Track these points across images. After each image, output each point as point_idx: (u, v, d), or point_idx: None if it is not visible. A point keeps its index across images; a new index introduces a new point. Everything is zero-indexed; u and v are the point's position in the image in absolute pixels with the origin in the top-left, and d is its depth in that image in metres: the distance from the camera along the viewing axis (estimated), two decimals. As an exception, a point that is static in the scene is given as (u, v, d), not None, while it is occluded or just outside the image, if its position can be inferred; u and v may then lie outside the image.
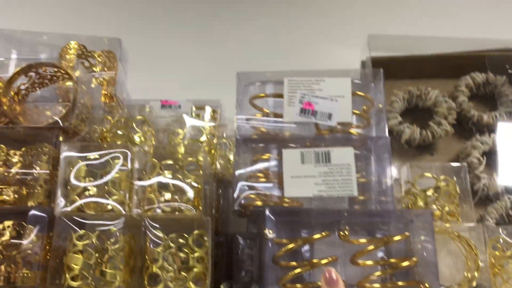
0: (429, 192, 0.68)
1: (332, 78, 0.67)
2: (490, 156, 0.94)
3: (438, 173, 0.72)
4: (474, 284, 0.64)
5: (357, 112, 0.68)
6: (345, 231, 0.61)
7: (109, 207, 0.61)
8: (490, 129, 0.98)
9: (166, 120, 0.98)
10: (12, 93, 0.66)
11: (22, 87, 0.67)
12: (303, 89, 0.67)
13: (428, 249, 0.60)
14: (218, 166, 0.83)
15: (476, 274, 0.65)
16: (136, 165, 0.64)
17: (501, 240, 0.67)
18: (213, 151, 0.84)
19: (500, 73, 1.02)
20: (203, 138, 0.81)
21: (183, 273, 0.60)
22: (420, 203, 0.70)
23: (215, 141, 0.81)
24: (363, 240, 0.63)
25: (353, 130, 0.68)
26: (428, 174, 0.70)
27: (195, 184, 0.63)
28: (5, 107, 0.63)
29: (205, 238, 0.62)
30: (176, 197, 0.62)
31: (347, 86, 0.67)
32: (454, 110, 0.98)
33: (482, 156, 0.93)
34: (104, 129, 0.74)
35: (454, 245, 0.69)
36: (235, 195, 0.64)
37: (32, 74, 0.66)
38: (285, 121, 0.70)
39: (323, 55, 1.04)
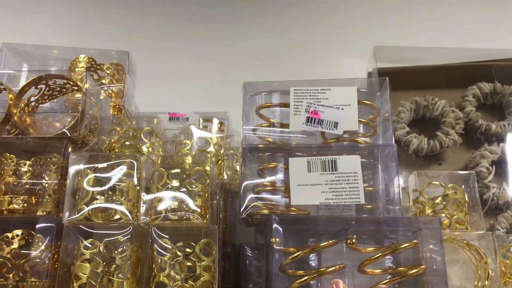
0: (437, 200, 0.68)
1: (338, 87, 0.67)
2: (499, 165, 0.93)
3: (446, 181, 0.72)
4: (485, 293, 0.63)
5: (364, 120, 0.69)
6: (353, 239, 0.61)
7: (117, 216, 0.61)
8: (499, 138, 0.97)
9: (174, 132, 1.00)
10: (23, 104, 0.68)
11: (32, 98, 0.69)
12: (309, 98, 0.68)
13: (437, 257, 0.60)
14: (226, 176, 0.84)
15: (486, 282, 0.64)
16: (144, 174, 0.65)
17: (511, 249, 0.67)
18: (220, 162, 0.85)
19: (507, 83, 1.02)
20: (211, 148, 0.82)
21: (190, 282, 0.60)
22: (428, 211, 0.70)
23: (222, 151, 0.82)
24: (370, 249, 0.62)
25: (360, 139, 0.68)
26: (436, 182, 0.70)
27: (202, 193, 0.64)
28: (15, 118, 0.64)
29: (212, 247, 0.62)
30: (183, 206, 0.62)
31: (353, 95, 0.67)
32: (461, 120, 0.98)
33: (491, 165, 0.92)
34: (112, 140, 0.75)
35: (463, 254, 0.69)
36: (242, 204, 0.64)
37: (42, 86, 0.67)
38: (292, 131, 0.70)
39: (329, 67, 1.06)
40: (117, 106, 0.81)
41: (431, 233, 0.61)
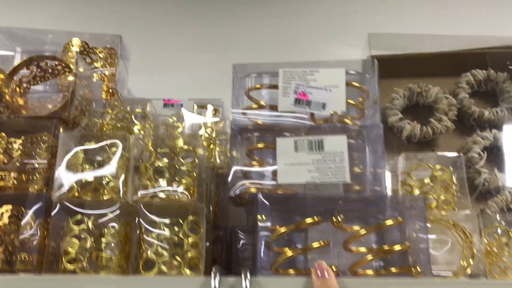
0: (426, 181, 0.69)
1: (326, 68, 0.68)
2: (491, 151, 0.94)
3: (434, 164, 0.73)
4: (469, 272, 0.64)
5: (352, 102, 0.70)
6: (338, 218, 0.62)
7: (106, 194, 0.63)
8: (492, 125, 0.98)
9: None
10: (14, 85, 0.69)
11: (24, 79, 0.70)
12: (297, 80, 0.68)
13: (422, 235, 0.60)
14: (218, 161, 0.85)
15: (471, 261, 0.65)
16: (133, 154, 0.66)
17: (498, 230, 0.67)
18: (212, 145, 0.86)
19: (501, 70, 1.03)
20: (202, 132, 0.83)
21: (177, 258, 0.61)
22: (416, 192, 0.70)
23: (214, 135, 0.83)
24: (356, 227, 0.63)
25: (348, 121, 0.69)
26: (424, 164, 0.71)
27: (190, 172, 0.65)
28: (6, 98, 0.65)
29: (200, 225, 0.64)
30: (172, 184, 0.64)
31: (341, 76, 0.68)
32: (454, 107, 0.99)
33: (483, 151, 0.93)
34: (104, 122, 0.77)
35: (450, 234, 0.70)
36: (230, 183, 0.65)
37: (34, 67, 0.69)
38: (281, 113, 0.71)
39: (323, 54, 1.06)
40: (110, 91, 0.83)
41: (416, 212, 0.62)
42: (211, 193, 0.82)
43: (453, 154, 0.74)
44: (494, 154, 0.94)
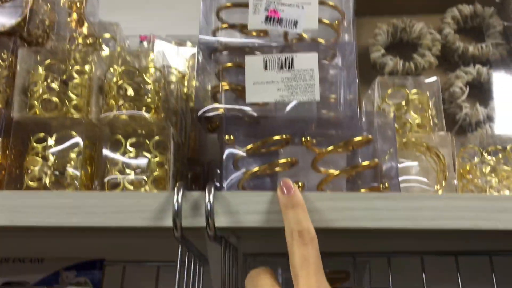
0: (402, 103, 0.68)
1: (298, -15, 0.66)
2: (474, 87, 0.93)
3: (410, 88, 0.71)
4: (441, 193, 0.64)
5: (326, 21, 0.67)
6: (308, 137, 0.61)
7: (69, 112, 0.61)
8: (477, 61, 0.96)
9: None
10: (-27, 2, 0.66)
11: (-16, -4, 0.67)
12: (267, -3, 0.66)
13: (390, 153, 0.60)
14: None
15: (443, 183, 0.64)
16: (97, 73, 0.64)
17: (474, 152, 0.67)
18: (186, 77, 0.84)
19: (488, 5, 1.00)
20: (175, 60, 0.81)
21: (143, 177, 0.60)
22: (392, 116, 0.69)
23: (186, 64, 0.81)
24: (326, 149, 0.62)
25: (321, 40, 0.67)
26: (399, 88, 0.70)
27: (157, 92, 0.63)
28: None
29: (166, 146, 0.63)
30: (136, 103, 0.62)
31: (313, -7, 0.66)
32: (438, 42, 0.97)
33: (465, 86, 0.91)
34: (71, 47, 0.74)
35: (425, 161, 0.69)
36: (196, 104, 0.63)
37: (-7, -17, 0.66)
38: (253, 35, 0.69)
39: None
40: (78, 19, 0.80)
41: (385, 130, 0.61)
42: (186, 126, 0.81)
43: (431, 79, 0.73)
44: (477, 89, 0.93)
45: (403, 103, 0.70)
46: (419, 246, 0.82)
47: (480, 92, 0.93)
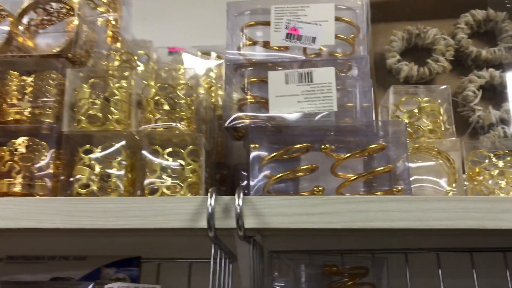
0: (415, 111, 0.73)
1: (316, 4, 0.72)
2: (487, 90, 0.97)
3: (422, 96, 0.76)
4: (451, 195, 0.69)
5: (342, 37, 0.73)
6: (327, 145, 0.67)
7: (111, 126, 0.69)
8: (489, 65, 1.00)
9: (171, 64, 1.05)
10: (23, 28, 0.74)
11: (32, 22, 0.75)
12: (289, 15, 0.72)
13: (403, 158, 0.65)
14: (221, 103, 0.90)
15: (453, 185, 0.69)
16: (136, 90, 0.72)
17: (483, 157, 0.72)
18: (213, 87, 0.91)
19: (500, 10, 1.04)
20: (204, 74, 0.88)
21: (179, 183, 0.68)
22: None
23: (212, 74, 0.88)
24: (344, 155, 0.68)
25: (338, 55, 0.73)
26: (411, 96, 0.75)
27: (189, 105, 0.70)
28: (18, 39, 0.71)
29: (199, 154, 0.70)
30: (171, 116, 0.69)
31: (330, 11, 0.72)
32: (452, 47, 1.01)
33: (478, 89, 0.96)
34: (110, 64, 0.82)
35: (437, 163, 0.74)
36: (224, 115, 0.70)
37: (40, 10, 0.74)
38: (275, 49, 0.76)
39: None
40: (114, 36, 0.88)
41: (398, 136, 0.66)
42: (214, 133, 0.88)
43: (442, 87, 0.78)
44: (490, 92, 0.97)
45: (416, 110, 0.75)
46: (435, 243, 0.87)
47: (493, 95, 0.98)
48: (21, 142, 0.69)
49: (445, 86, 0.78)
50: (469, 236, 0.87)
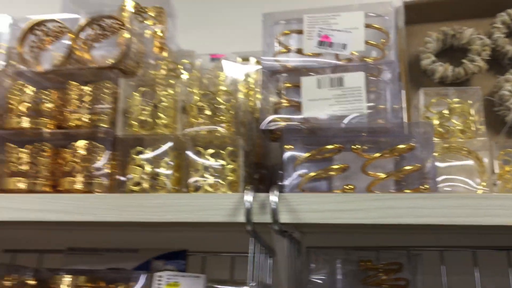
0: (445, 112, 0.76)
1: (347, 12, 0.76)
2: (524, 89, 0.97)
3: (453, 97, 0.79)
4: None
5: (372, 42, 0.77)
6: (357, 145, 0.71)
7: (160, 130, 0.77)
8: (527, 64, 1.00)
9: (213, 70, 1.12)
10: (81, 43, 0.84)
11: (89, 37, 0.84)
12: (321, 24, 0.77)
13: (431, 157, 0.69)
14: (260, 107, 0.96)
15: (484, 184, 0.72)
16: (181, 96, 0.79)
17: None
18: (251, 92, 0.97)
19: (539, 9, 1.03)
20: (243, 79, 0.95)
21: (220, 181, 0.74)
22: (435, 123, 0.78)
23: (251, 80, 0.94)
24: (375, 155, 0.72)
25: (369, 60, 0.77)
26: (441, 98, 0.78)
27: (229, 110, 0.77)
28: (76, 52, 0.80)
29: (238, 154, 0.76)
30: (213, 120, 0.76)
31: (360, 19, 0.76)
32: (488, 47, 1.02)
33: (515, 88, 0.97)
34: (157, 73, 0.90)
35: (468, 162, 0.77)
36: (261, 117, 0.76)
37: (96, 26, 0.83)
38: (308, 56, 0.81)
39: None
40: (160, 46, 0.96)
41: (427, 137, 0.70)
42: (252, 135, 0.94)
43: (473, 88, 0.80)
44: (527, 91, 0.98)
45: (446, 111, 0.78)
46: (472, 241, 0.88)
47: (530, 93, 0.98)
48: (81, 145, 0.77)
49: (476, 87, 0.80)
50: (507, 235, 0.88)
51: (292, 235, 0.76)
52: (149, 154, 0.77)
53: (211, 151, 0.76)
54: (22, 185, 0.77)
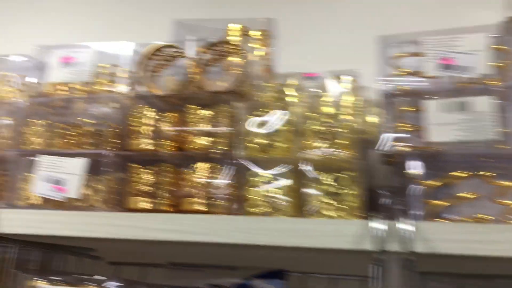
0: None
1: (467, 34, 0.75)
2: None
3: None
4: None
5: (495, 64, 0.75)
6: (486, 173, 0.69)
7: (276, 153, 0.78)
8: None
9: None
10: (199, 68, 0.87)
11: (205, 62, 0.88)
12: (440, 46, 0.76)
13: None
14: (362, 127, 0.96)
15: None
16: (293, 119, 0.80)
17: None
18: (354, 112, 0.97)
19: None
20: (346, 99, 0.94)
21: (341, 206, 0.74)
22: None
23: (351, 100, 0.94)
24: (506, 183, 0.70)
25: (491, 82, 0.75)
26: None
27: (345, 134, 0.77)
28: (196, 76, 0.84)
29: (360, 179, 0.76)
30: (331, 144, 0.76)
31: (481, 41, 0.74)
32: None
33: None
34: (265, 95, 0.92)
35: None
36: (381, 142, 0.75)
37: (212, 51, 0.86)
38: (425, 78, 0.80)
39: (460, 17, 1.10)
40: (266, 68, 0.98)
41: None
42: (366, 157, 0.94)
43: None
44: None
45: None
46: None
47: None
48: (202, 166, 0.80)
49: None
50: None
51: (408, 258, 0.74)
52: (267, 176, 0.78)
53: (331, 175, 0.76)
54: (146, 205, 0.80)
